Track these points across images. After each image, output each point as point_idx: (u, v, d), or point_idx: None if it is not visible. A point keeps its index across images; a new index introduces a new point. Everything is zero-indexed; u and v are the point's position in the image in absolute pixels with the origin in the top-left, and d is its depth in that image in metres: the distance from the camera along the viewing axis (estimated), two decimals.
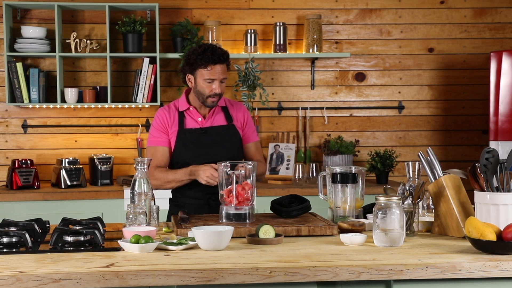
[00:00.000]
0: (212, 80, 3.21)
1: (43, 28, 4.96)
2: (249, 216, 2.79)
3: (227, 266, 2.10)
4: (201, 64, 3.19)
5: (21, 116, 5.15)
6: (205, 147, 3.31)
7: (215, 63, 3.19)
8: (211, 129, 3.34)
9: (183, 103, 3.36)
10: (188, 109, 3.35)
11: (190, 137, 3.30)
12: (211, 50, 3.20)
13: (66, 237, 2.43)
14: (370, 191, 4.50)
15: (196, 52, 3.22)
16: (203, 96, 3.25)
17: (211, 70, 3.20)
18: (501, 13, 5.49)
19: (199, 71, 3.22)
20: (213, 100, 3.26)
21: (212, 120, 3.36)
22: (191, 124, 3.34)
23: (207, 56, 3.18)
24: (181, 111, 3.35)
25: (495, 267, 2.16)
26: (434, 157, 2.76)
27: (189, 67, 3.26)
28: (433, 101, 5.49)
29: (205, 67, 3.20)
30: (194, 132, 3.31)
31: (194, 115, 3.35)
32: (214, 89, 3.22)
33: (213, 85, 3.22)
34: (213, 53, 3.18)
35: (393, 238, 2.43)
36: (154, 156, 3.30)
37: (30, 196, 4.60)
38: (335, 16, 5.39)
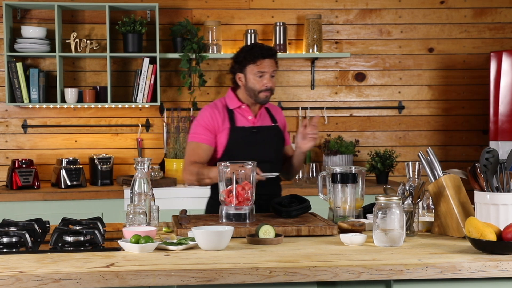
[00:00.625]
0: (262, 73, 3.29)
1: (43, 28, 4.96)
2: (249, 216, 2.79)
3: (227, 266, 2.10)
4: (250, 60, 3.29)
5: (21, 116, 5.15)
6: (255, 145, 3.34)
7: (264, 58, 3.29)
8: (262, 128, 3.39)
9: (233, 101, 3.39)
10: (240, 107, 3.38)
11: (242, 135, 3.33)
12: (259, 46, 3.33)
13: (66, 237, 2.43)
14: (370, 191, 4.50)
15: (244, 50, 3.35)
16: (255, 91, 3.31)
17: (260, 64, 3.28)
18: (501, 13, 5.49)
19: (249, 67, 3.31)
20: (266, 95, 3.32)
21: (262, 119, 3.42)
22: (242, 122, 3.37)
23: (255, 52, 3.30)
24: (231, 108, 3.38)
25: (495, 267, 2.16)
26: (434, 157, 2.76)
27: (239, 66, 3.35)
28: (433, 101, 5.49)
29: (254, 62, 3.29)
30: (246, 130, 3.35)
31: (245, 113, 3.38)
32: (266, 83, 3.29)
33: (264, 79, 3.29)
34: (261, 48, 3.30)
35: (393, 238, 2.43)
36: (194, 152, 3.31)
37: (30, 196, 4.60)
38: (335, 16, 5.39)
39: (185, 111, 5.20)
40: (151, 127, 5.25)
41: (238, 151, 3.29)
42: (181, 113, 5.17)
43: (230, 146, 3.31)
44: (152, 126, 5.26)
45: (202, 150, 3.32)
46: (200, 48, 5.02)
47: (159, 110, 5.23)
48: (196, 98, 5.18)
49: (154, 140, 5.25)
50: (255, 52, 3.29)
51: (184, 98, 5.23)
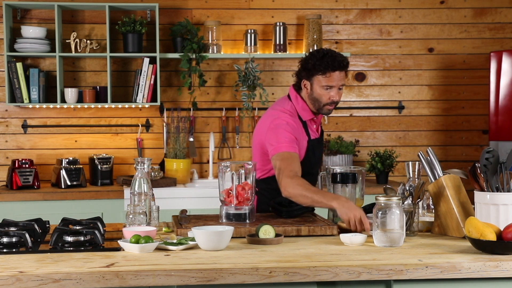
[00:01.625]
0: (330, 87, 3.06)
1: (43, 28, 4.96)
2: (249, 216, 2.79)
3: (227, 266, 2.10)
4: (320, 70, 3.05)
5: (21, 116, 5.15)
6: (318, 157, 3.25)
7: (334, 70, 3.05)
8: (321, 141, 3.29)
9: (307, 112, 3.17)
10: (312, 119, 3.20)
11: (314, 147, 3.18)
12: (331, 56, 3.06)
13: (66, 237, 2.43)
14: (370, 191, 4.50)
15: (315, 57, 3.09)
16: (320, 103, 3.10)
17: (329, 77, 3.05)
18: (501, 13, 5.49)
19: (317, 77, 3.07)
20: (330, 108, 3.12)
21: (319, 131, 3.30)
22: (313, 134, 3.22)
23: (326, 62, 3.04)
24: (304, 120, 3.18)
25: (495, 267, 2.16)
26: (434, 157, 2.76)
27: (306, 73, 3.11)
28: (433, 101, 5.49)
29: (324, 74, 3.05)
30: (315, 142, 3.21)
31: (313, 124, 3.23)
32: (332, 97, 3.07)
33: (331, 92, 3.07)
34: (333, 60, 3.05)
35: (393, 238, 2.43)
36: (291, 162, 2.97)
37: (30, 196, 4.60)
38: (335, 16, 5.39)
39: (185, 111, 5.20)
40: (151, 127, 5.25)
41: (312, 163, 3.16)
42: (181, 113, 5.17)
43: (307, 158, 3.13)
44: (152, 126, 5.26)
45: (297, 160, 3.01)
46: (200, 48, 5.02)
47: (159, 110, 5.23)
48: (196, 98, 5.18)
49: (154, 140, 5.25)
50: (326, 62, 3.03)
51: (184, 98, 5.23)
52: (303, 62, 3.16)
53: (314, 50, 3.24)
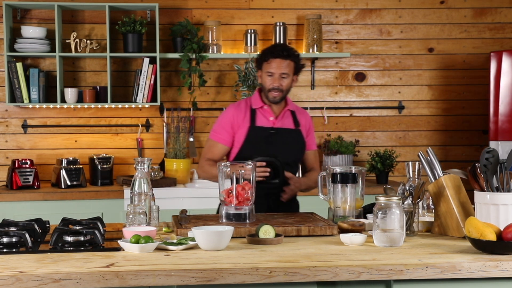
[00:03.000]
0: (271, 73, 3.33)
1: (43, 28, 4.96)
2: (249, 216, 2.79)
3: (227, 266, 2.10)
4: (264, 59, 3.36)
5: (21, 116, 5.15)
6: (272, 146, 3.36)
7: (275, 57, 3.32)
8: (281, 130, 3.40)
9: (257, 100, 3.44)
10: (262, 107, 3.42)
11: (261, 135, 3.37)
12: (275, 45, 3.44)
13: (66, 237, 2.43)
14: (370, 191, 4.50)
15: (264, 49, 3.42)
16: (265, 90, 3.37)
17: (270, 63, 3.33)
18: (501, 13, 5.49)
19: (263, 65, 3.38)
20: (274, 95, 3.35)
21: (282, 121, 3.43)
22: (262, 122, 3.40)
23: (268, 51, 3.36)
24: (254, 108, 3.42)
25: (495, 267, 2.16)
26: (434, 157, 2.76)
27: (257, 63, 3.43)
28: (433, 101, 5.49)
29: (266, 61, 3.35)
30: (265, 130, 3.38)
31: (267, 113, 3.42)
32: (273, 83, 3.33)
33: (272, 79, 3.34)
34: (274, 48, 3.37)
35: (393, 238, 2.43)
36: (210, 150, 3.43)
37: (30, 196, 4.60)
38: (335, 16, 5.39)
39: (185, 111, 5.20)
40: (151, 127, 5.25)
41: (254, 150, 3.32)
42: (181, 113, 5.17)
43: (246, 145, 3.36)
44: (152, 126, 5.26)
45: (218, 149, 3.42)
46: (200, 48, 5.02)
47: (159, 110, 5.23)
48: (196, 98, 5.18)
49: (154, 140, 5.25)
50: (268, 51, 3.36)
51: (184, 98, 5.23)
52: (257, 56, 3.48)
53: None
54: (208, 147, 3.46)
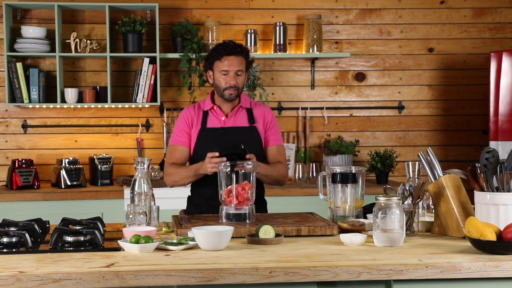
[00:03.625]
0: (226, 71, 3.25)
1: (43, 28, 4.96)
2: (249, 216, 2.79)
3: (227, 266, 2.10)
4: (216, 57, 3.26)
5: (21, 116, 5.15)
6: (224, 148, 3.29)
7: (229, 55, 3.24)
8: (231, 129, 3.34)
9: (208, 102, 3.39)
10: (212, 108, 3.37)
11: (211, 136, 3.31)
12: (227, 43, 3.29)
13: (66, 237, 2.43)
14: (370, 191, 4.50)
15: (213, 48, 3.33)
16: (220, 89, 3.29)
17: (224, 61, 3.25)
18: (501, 13, 5.49)
19: (215, 64, 3.28)
20: (230, 93, 3.28)
21: (234, 120, 3.36)
22: (214, 123, 3.35)
23: (220, 49, 3.26)
24: (205, 110, 3.37)
25: (495, 267, 2.16)
26: (434, 157, 2.76)
27: (207, 63, 3.34)
28: (433, 101, 5.49)
29: (219, 59, 3.26)
30: (215, 131, 3.32)
31: (217, 114, 3.36)
32: (229, 81, 3.25)
33: (227, 77, 3.26)
34: (227, 45, 3.26)
35: (393, 238, 2.43)
36: (172, 154, 3.35)
37: (30, 196, 4.60)
38: (335, 16, 5.39)
39: None
40: (151, 127, 5.26)
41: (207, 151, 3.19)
42: None
43: (198, 147, 3.31)
44: (152, 126, 5.26)
45: (179, 152, 3.35)
46: (200, 48, 5.02)
47: (159, 110, 5.24)
48: (196, 98, 5.18)
49: (154, 140, 5.25)
50: (220, 49, 3.26)
51: (184, 98, 5.23)
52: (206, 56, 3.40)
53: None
54: (169, 153, 3.38)
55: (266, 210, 3.44)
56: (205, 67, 3.38)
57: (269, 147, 3.39)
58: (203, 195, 3.33)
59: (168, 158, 3.36)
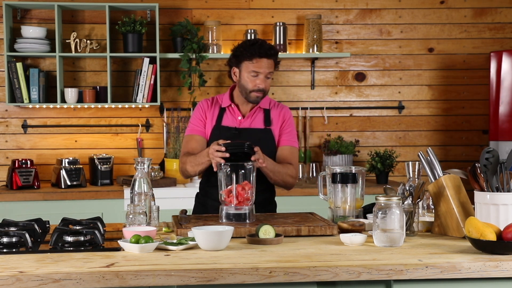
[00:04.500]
0: (257, 73, 3.13)
1: (43, 28, 4.96)
2: (249, 216, 2.79)
3: (227, 266, 2.10)
4: (247, 57, 3.13)
5: (21, 116, 5.15)
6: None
7: (261, 57, 3.13)
8: (246, 131, 3.22)
9: (226, 99, 3.27)
10: (230, 105, 3.26)
11: (224, 135, 3.16)
12: (260, 43, 3.15)
13: (66, 237, 2.43)
14: (370, 191, 4.50)
15: (244, 45, 3.18)
16: (247, 90, 3.17)
17: (256, 63, 3.12)
18: (501, 13, 5.49)
19: (245, 63, 3.15)
20: (257, 95, 3.17)
21: (250, 121, 3.25)
22: (229, 121, 3.24)
23: (254, 49, 3.12)
24: (223, 107, 3.26)
25: (495, 267, 2.16)
26: (434, 157, 2.76)
27: (235, 60, 3.19)
28: (433, 101, 5.49)
29: (251, 60, 3.13)
30: (228, 130, 3.21)
31: (234, 112, 3.25)
32: (258, 84, 3.14)
33: (257, 79, 3.14)
34: (261, 47, 3.13)
35: (393, 238, 2.43)
36: (187, 144, 3.23)
37: (30, 196, 4.60)
38: (335, 16, 5.39)
39: (185, 111, 5.20)
40: (151, 127, 5.25)
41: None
42: (181, 113, 5.17)
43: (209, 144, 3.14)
44: (152, 126, 5.26)
45: (195, 140, 3.22)
46: (200, 48, 5.02)
47: (159, 110, 5.24)
48: (196, 98, 5.17)
49: (154, 140, 5.25)
50: (254, 49, 3.12)
51: (184, 98, 5.23)
52: (233, 50, 3.23)
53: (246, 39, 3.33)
54: (185, 143, 3.26)
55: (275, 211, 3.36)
56: (230, 62, 3.23)
57: (281, 146, 3.27)
58: (209, 195, 3.26)
59: (183, 148, 3.25)
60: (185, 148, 3.24)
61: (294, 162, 3.27)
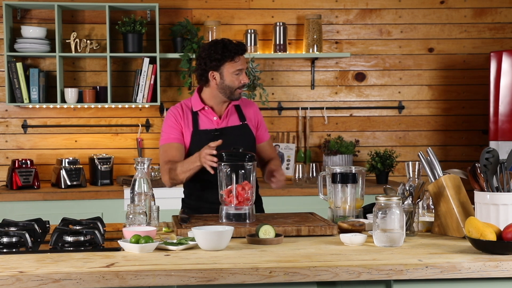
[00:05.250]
0: (240, 70, 3.19)
1: (43, 28, 4.96)
2: (249, 216, 2.79)
3: (227, 266, 2.10)
4: (228, 57, 3.16)
5: (21, 116, 5.15)
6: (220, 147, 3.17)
7: (242, 54, 3.20)
8: (226, 130, 3.26)
9: (197, 102, 3.28)
10: (203, 108, 3.27)
11: (205, 138, 3.18)
12: (232, 42, 3.20)
13: (66, 237, 2.43)
14: (370, 191, 4.50)
15: (218, 47, 3.18)
16: (232, 89, 3.20)
17: (238, 61, 3.18)
18: (501, 13, 5.49)
19: (227, 65, 3.18)
20: (240, 92, 3.24)
21: (227, 120, 3.29)
22: (206, 124, 3.25)
23: (232, 49, 3.17)
24: (195, 111, 3.27)
25: (495, 267, 2.16)
26: (434, 157, 2.76)
27: (215, 64, 3.19)
28: (433, 101, 5.49)
29: (233, 59, 3.17)
30: (209, 133, 3.22)
31: (209, 114, 3.27)
32: (243, 80, 3.20)
33: (241, 76, 3.20)
34: (237, 45, 3.19)
35: (393, 238, 2.43)
36: (166, 153, 3.21)
37: (30, 196, 4.60)
38: (335, 16, 5.39)
39: None
40: (151, 127, 5.26)
41: None
42: None
43: (192, 150, 3.18)
44: (152, 126, 5.26)
45: (175, 148, 3.21)
46: (200, 48, 5.02)
47: (159, 110, 5.24)
48: None
49: (154, 140, 5.25)
50: (232, 49, 3.16)
51: (184, 98, 5.22)
52: (206, 55, 3.21)
53: (205, 43, 3.34)
54: (163, 152, 3.23)
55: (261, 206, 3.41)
56: (206, 67, 3.21)
57: (262, 143, 3.39)
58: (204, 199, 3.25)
59: (163, 157, 3.22)
60: (165, 157, 3.21)
61: (275, 154, 3.45)
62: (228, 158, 2.84)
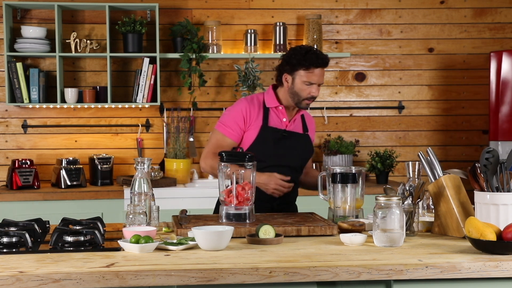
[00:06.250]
0: (311, 83, 3.18)
1: (43, 28, 4.96)
2: (249, 216, 2.79)
3: (227, 266, 2.10)
4: (304, 66, 3.16)
5: (21, 116, 5.15)
6: (283, 149, 3.25)
7: (317, 67, 3.17)
8: (293, 134, 3.29)
9: (272, 99, 3.28)
10: (277, 107, 3.28)
11: (273, 136, 3.22)
12: (315, 53, 3.18)
13: (66, 237, 2.43)
14: (370, 191, 4.50)
15: (299, 53, 3.19)
16: (299, 98, 3.20)
17: (312, 72, 3.17)
18: (501, 13, 5.49)
19: (300, 72, 3.18)
20: (308, 103, 3.23)
21: (294, 125, 3.32)
22: (275, 123, 3.27)
23: (310, 59, 3.16)
24: (268, 107, 3.28)
25: (495, 267, 2.16)
26: (434, 157, 2.76)
27: (290, 67, 3.21)
28: (433, 101, 5.49)
29: (307, 69, 3.16)
30: (277, 132, 3.25)
31: (280, 114, 3.29)
32: (313, 92, 3.19)
33: (312, 88, 3.18)
34: (317, 57, 3.17)
35: (393, 238, 2.43)
36: (218, 144, 3.21)
37: (30, 196, 4.60)
38: (335, 16, 5.39)
39: (185, 111, 5.20)
40: (151, 127, 5.26)
41: (264, 151, 3.18)
42: (181, 113, 5.17)
43: (257, 144, 3.21)
44: (152, 126, 5.26)
45: (226, 144, 3.22)
46: (200, 48, 5.02)
47: (159, 110, 5.24)
48: (196, 98, 5.18)
49: (154, 140, 5.25)
50: (311, 58, 3.15)
51: (184, 98, 5.23)
52: (286, 57, 3.25)
53: (297, 46, 3.33)
54: (215, 140, 3.23)
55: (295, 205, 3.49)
56: (282, 68, 3.24)
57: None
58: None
59: (212, 145, 3.22)
60: (215, 147, 3.20)
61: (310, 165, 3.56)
62: (228, 158, 2.84)
